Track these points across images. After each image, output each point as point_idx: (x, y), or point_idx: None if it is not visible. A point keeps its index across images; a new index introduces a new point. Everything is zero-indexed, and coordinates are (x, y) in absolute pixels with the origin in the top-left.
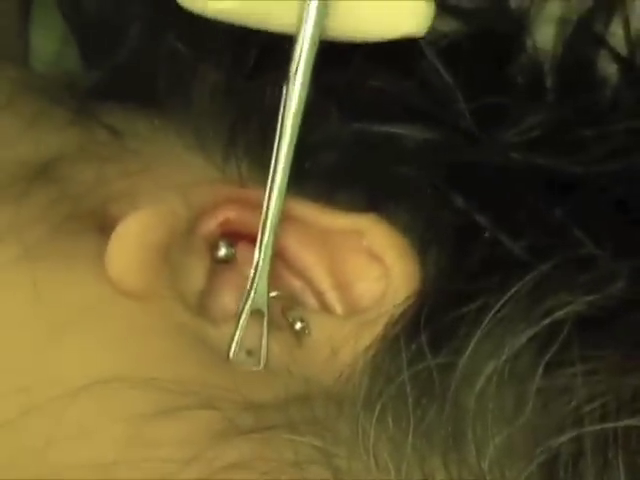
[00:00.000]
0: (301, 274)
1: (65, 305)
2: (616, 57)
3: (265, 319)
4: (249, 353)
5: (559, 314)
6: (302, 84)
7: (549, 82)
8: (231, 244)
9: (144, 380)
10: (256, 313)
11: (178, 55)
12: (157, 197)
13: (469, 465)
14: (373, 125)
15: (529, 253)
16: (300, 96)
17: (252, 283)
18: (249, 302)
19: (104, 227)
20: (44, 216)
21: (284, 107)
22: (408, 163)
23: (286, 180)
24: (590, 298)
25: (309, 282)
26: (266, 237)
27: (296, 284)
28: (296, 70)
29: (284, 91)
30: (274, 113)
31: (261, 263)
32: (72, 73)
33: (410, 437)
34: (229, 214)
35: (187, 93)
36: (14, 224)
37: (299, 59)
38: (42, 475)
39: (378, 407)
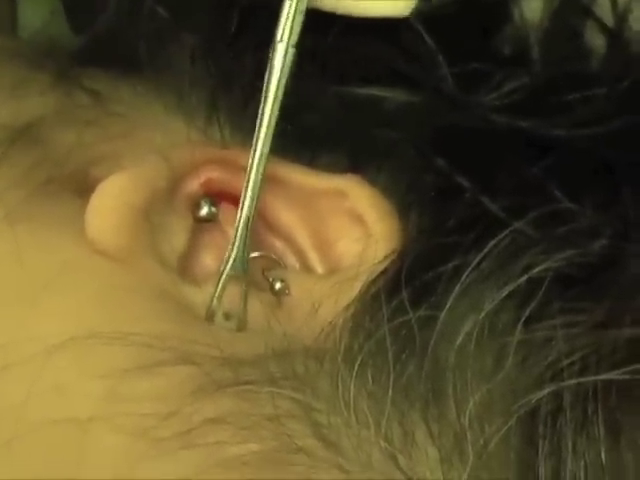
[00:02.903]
0: (282, 234)
1: (44, 265)
2: (603, 28)
3: (244, 281)
4: (229, 314)
5: (538, 269)
6: (287, 51)
7: (535, 52)
8: (213, 203)
9: (121, 336)
10: (236, 274)
11: (159, 19)
12: (138, 159)
13: (449, 421)
14: (355, 88)
15: (509, 213)
16: (285, 63)
17: (233, 244)
18: (229, 264)
19: (85, 190)
20: (25, 178)
21: (269, 73)
22: (390, 125)
23: (269, 144)
24: (568, 253)
25: (290, 242)
26: (248, 198)
27: (277, 244)
28: (281, 37)
29: (270, 57)
30: (255, 77)
31: (242, 224)
32: (57, 39)
33: (390, 392)
34: (211, 174)
35: (168, 57)
36: None
37: (284, 26)
38: (20, 431)
39: (358, 362)
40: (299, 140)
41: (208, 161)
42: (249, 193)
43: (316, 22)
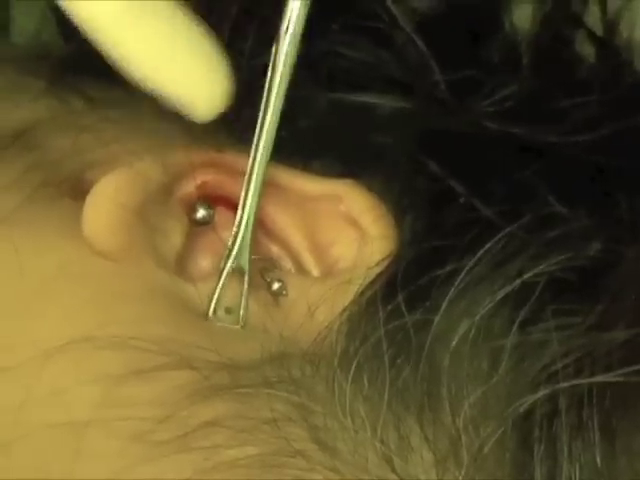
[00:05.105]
0: (278, 238)
1: (41, 269)
2: (592, 36)
3: (246, 277)
4: (227, 311)
5: (532, 273)
6: (293, 43)
7: (525, 60)
8: (209, 206)
9: (119, 340)
10: (235, 272)
11: None
12: (133, 162)
13: (444, 424)
14: (348, 94)
15: (503, 217)
16: (290, 55)
17: (234, 241)
18: (230, 260)
19: (81, 193)
20: (20, 182)
21: (273, 67)
22: (383, 131)
23: (272, 142)
24: (562, 257)
25: (286, 246)
26: (250, 197)
27: (273, 248)
28: (287, 29)
29: (273, 51)
30: (251, 81)
31: (244, 222)
32: (50, 45)
33: (386, 396)
34: (207, 177)
35: None
36: None
37: (290, 17)
38: (17, 434)
39: (354, 366)
40: (292, 146)
41: (204, 164)
42: (252, 187)
43: (308, 28)
